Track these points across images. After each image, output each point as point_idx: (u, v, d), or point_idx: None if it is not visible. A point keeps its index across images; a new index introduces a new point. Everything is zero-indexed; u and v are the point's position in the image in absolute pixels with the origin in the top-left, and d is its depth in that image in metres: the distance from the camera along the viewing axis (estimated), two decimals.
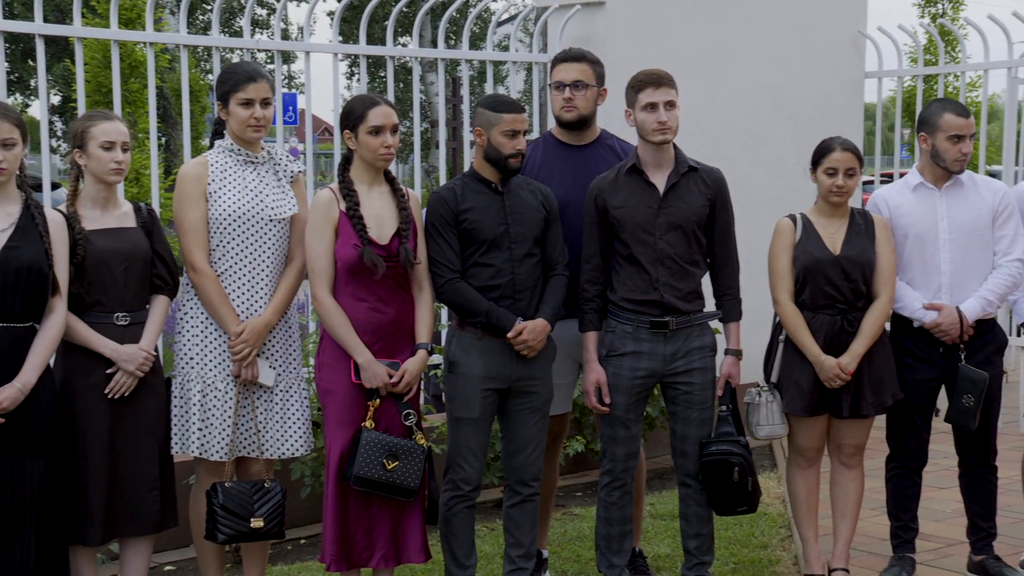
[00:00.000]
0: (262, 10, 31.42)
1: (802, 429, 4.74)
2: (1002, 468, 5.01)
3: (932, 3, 19.21)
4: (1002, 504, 5.06)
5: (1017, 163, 8.14)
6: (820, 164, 4.65)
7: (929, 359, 4.79)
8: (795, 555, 5.21)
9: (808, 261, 4.60)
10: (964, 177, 4.84)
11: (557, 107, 4.73)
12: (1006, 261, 4.78)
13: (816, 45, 7.93)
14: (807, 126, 7.50)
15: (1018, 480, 5.17)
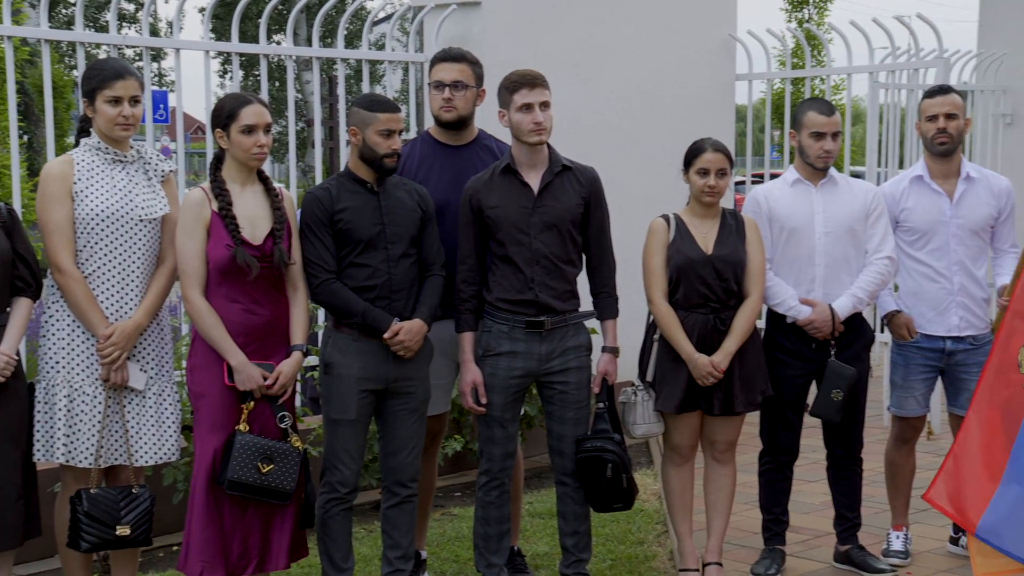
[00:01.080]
0: (129, 5, 30.67)
1: (676, 427, 4.81)
2: (866, 460, 5.16)
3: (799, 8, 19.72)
4: (866, 495, 5.21)
5: (880, 164, 8.38)
6: (692, 165, 4.72)
7: (801, 355, 4.91)
8: (670, 550, 5.29)
9: (681, 261, 4.67)
10: (838, 176, 4.98)
11: (436, 107, 4.71)
12: (876, 259, 4.92)
13: (689, 47, 8.06)
14: (680, 126, 7.60)
15: (881, 472, 5.33)
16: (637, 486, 4.71)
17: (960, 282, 5.00)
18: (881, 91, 8.22)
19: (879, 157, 8.22)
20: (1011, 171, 8.66)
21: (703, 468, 4.95)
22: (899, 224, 5.07)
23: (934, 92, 5.08)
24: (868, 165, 8.16)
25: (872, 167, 8.07)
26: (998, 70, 9.68)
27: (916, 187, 5.07)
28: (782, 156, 16.40)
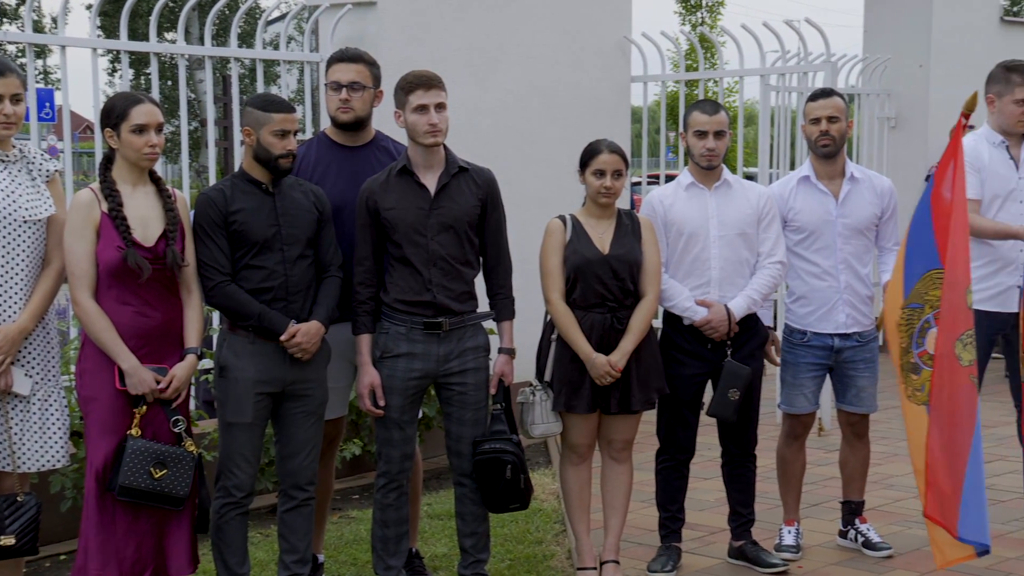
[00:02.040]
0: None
1: (574, 426, 4.83)
2: (760, 457, 5.25)
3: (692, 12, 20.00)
4: (760, 491, 5.30)
5: (772, 165, 8.54)
6: (588, 166, 4.75)
7: (698, 354, 4.97)
8: (568, 549, 5.32)
9: (578, 261, 4.70)
10: (732, 179, 5.05)
11: (333, 108, 4.67)
12: (769, 263, 5.00)
13: (584, 49, 8.12)
14: (576, 128, 7.66)
15: (774, 468, 5.43)
16: (533, 486, 4.73)
17: (846, 280, 5.11)
18: (772, 93, 8.38)
19: (771, 158, 8.38)
20: (895, 172, 8.92)
21: (600, 467, 4.99)
22: (787, 224, 5.17)
23: (817, 95, 5.19)
24: (760, 166, 8.31)
25: (764, 168, 8.22)
26: (883, 74, 9.95)
27: (803, 187, 5.17)
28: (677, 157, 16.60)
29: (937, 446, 4.42)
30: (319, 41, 7.19)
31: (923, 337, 4.60)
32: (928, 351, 4.57)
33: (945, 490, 4.40)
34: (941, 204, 4.58)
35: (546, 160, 7.74)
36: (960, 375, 4.43)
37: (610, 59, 8.29)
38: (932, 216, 4.60)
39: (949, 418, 4.40)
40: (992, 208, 5.24)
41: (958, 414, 4.40)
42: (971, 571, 4.99)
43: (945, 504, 4.40)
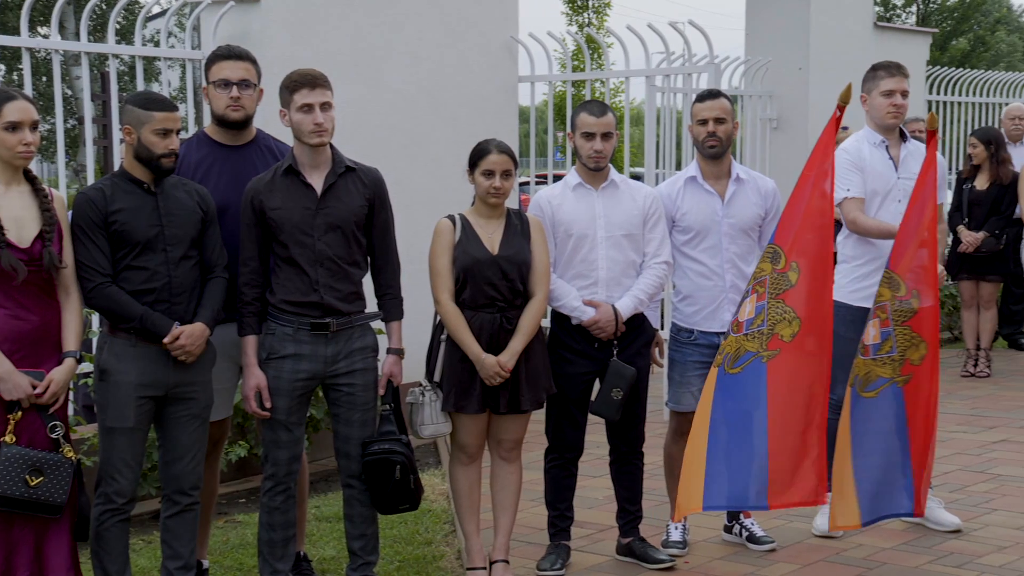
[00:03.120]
0: None
1: (463, 426, 4.83)
2: (648, 454, 5.31)
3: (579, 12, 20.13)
4: (647, 488, 5.36)
5: (658, 165, 8.65)
6: (477, 166, 4.75)
7: (586, 353, 5.00)
8: (458, 550, 5.32)
9: (467, 261, 4.70)
10: (619, 179, 5.09)
11: (222, 106, 4.59)
12: (655, 263, 5.06)
13: (471, 49, 8.12)
14: (465, 128, 7.66)
15: (662, 465, 5.50)
16: (423, 487, 4.71)
17: (732, 280, 5.19)
18: (657, 94, 8.48)
19: (657, 158, 8.48)
20: (777, 173, 9.09)
21: (490, 467, 4.99)
22: (675, 224, 5.23)
23: (704, 96, 5.26)
24: (646, 166, 8.40)
25: (650, 168, 8.32)
26: (764, 76, 10.14)
27: (690, 188, 5.24)
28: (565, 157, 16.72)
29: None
30: (201, 38, 7.06)
31: (740, 306, 4.78)
32: (738, 319, 4.75)
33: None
34: (809, 196, 4.75)
35: (434, 160, 7.72)
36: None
37: (497, 59, 8.31)
38: (790, 201, 4.80)
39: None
40: (872, 206, 5.38)
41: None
42: (847, 562, 5.12)
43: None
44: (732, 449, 4.70)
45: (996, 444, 7.02)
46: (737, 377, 4.71)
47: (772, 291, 4.70)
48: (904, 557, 5.16)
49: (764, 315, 4.70)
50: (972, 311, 9.14)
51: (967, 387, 8.74)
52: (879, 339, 4.75)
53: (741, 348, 4.72)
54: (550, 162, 9.66)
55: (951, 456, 6.70)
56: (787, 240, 4.73)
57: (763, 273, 4.74)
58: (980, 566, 5.03)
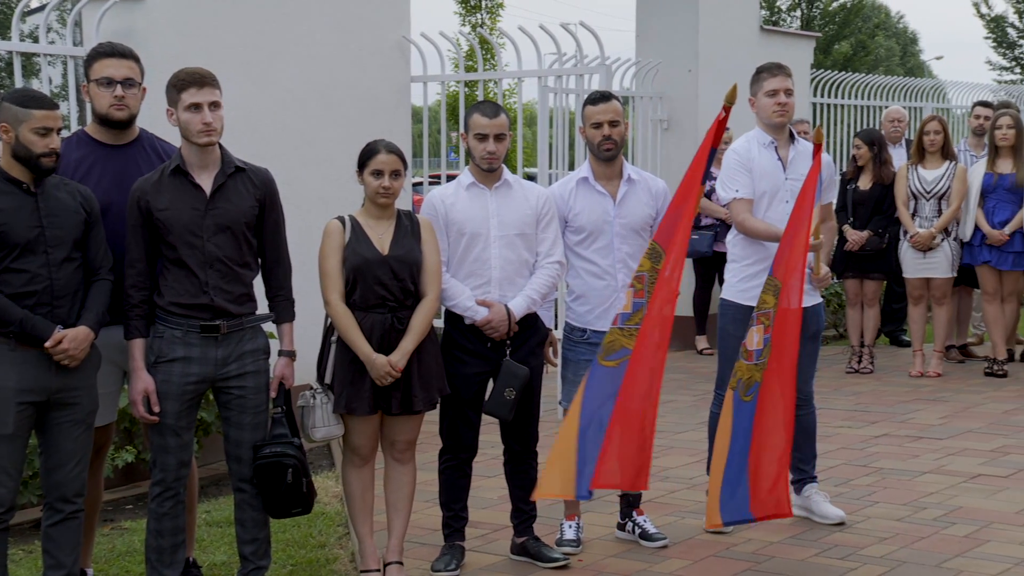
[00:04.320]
0: None
1: (355, 428, 4.80)
2: (541, 453, 5.33)
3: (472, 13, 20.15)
4: None
5: (551, 166, 8.70)
6: (366, 166, 4.73)
7: (479, 353, 5.01)
8: (352, 552, 5.28)
9: (358, 262, 4.67)
10: (512, 179, 5.11)
11: (105, 105, 4.49)
12: (547, 263, 5.08)
13: (362, 48, 8.07)
14: (356, 128, 7.61)
15: None
16: (316, 490, 4.67)
17: (623, 279, 5.23)
18: (550, 95, 8.53)
19: (550, 159, 8.52)
20: (668, 173, 9.22)
21: (383, 468, 4.97)
22: (567, 224, 5.27)
23: (596, 99, 5.30)
24: (539, 167, 8.44)
25: (543, 168, 8.36)
26: (655, 78, 10.26)
27: (582, 188, 5.28)
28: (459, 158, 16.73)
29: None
30: (83, 35, 6.89)
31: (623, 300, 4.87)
32: (618, 311, 4.85)
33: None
34: (686, 184, 4.88)
35: (326, 160, 7.65)
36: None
37: (389, 59, 8.27)
38: (672, 200, 4.92)
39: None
40: (761, 206, 5.47)
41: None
42: (737, 556, 5.20)
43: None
44: (588, 441, 4.78)
45: (878, 439, 7.21)
46: (609, 370, 4.79)
47: (650, 288, 4.78)
48: (791, 550, 5.26)
49: (641, 313, 4.79)
50: (856, 309, 9.37)
51: (851, 383, 8.95)
52: (761, 344, 4.85)
53: (616, 342, 4.80)
54: (443, 162, 9.65)
55: (836, 451, 6.86)
56: (666, 238, 4.82)
57: (642, 269, 4.82)
58: (863, 557, 5.16)
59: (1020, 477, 6.31)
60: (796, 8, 36.34)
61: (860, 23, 38.11)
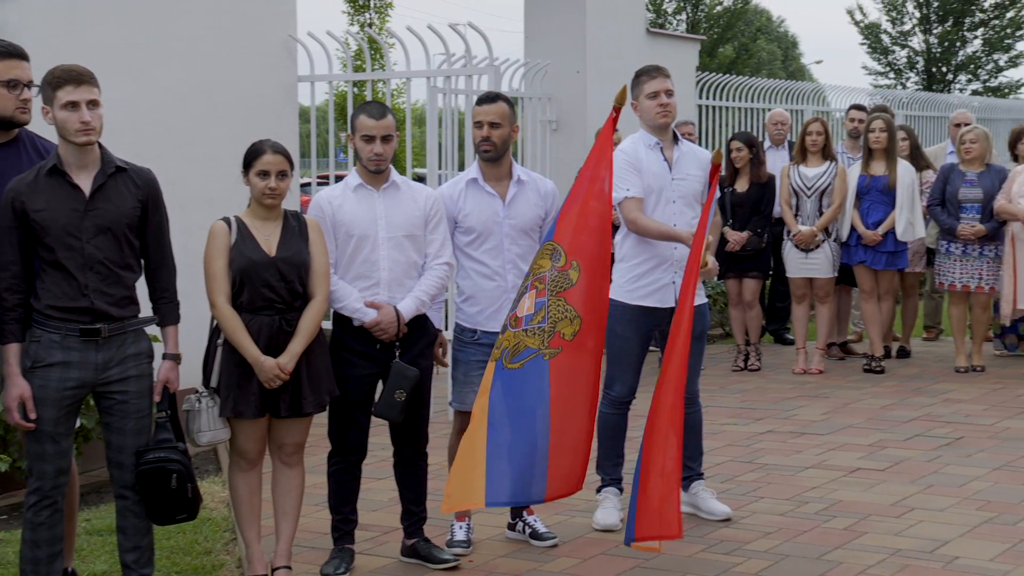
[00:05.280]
0: None
1: (243, 432, 4.73)
2: (432, 455, 5.32)
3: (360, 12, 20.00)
4: (432, 489, 5.34)
5: (440, 167, 8.68)
6: (252, 166, 4.68)
7: (368, 355, 4.98)
8: (239, 558, 5.20)
9: (244, 263, 4.61)
10: (400, 180, 5.09)
11: (10, 108, 4.38)
12: (436, 264, 5.08)
13: (247, 47, 7.97)
14: (242, 128, 7.50)
15: (446, 465, 5.52)
16: (202, 495, 4.59)
17: (513, 280, 5.25)
18: (439, 96, 8.51)
19: (439, 160, 8.51)
20: (557, 174, 9.26)
21: (271, 472, 4.91)
22: (457, 225, 5.26)
23: (482, 100, 5.31)
24: (429, 168, 8.43)
25: (433, 169, 8.34)
26: (543, 79, 10.31)
27: (471, 189, 5.28)
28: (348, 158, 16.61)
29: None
30: None
31: (517, 301, 4.83)
32: (516, 314, 4.81)
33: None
34: (585, 195, 4.86)
35: (211, 160, 7.54)
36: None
37: (275, 58, 8.18)
38: (568, 200, 4.89)
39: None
40: (648, 206, 5.53)
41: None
42: (625, 554, 5.25)
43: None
44: (515, 446, 4.75)
45: (763, 435, 7.35)
46: (516, 373, 4.75)
47: (552, 288, 4.78)
48: (678, 547, 5.33)
49: (545, 312, 4.76)
50: (739, 308, 9.54)
51: (737, 381, 9.11)
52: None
53: (521, 344, 4.77)
54: (331, 163, 9.56)
55: (722, 448, 6.97)
56: (566, 238, 4.81)
57: (542, 269, 4.80)
58: (748, 551, 5.26)
59: (896, 470, 6.50)
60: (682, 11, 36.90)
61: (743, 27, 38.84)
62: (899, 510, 5.80)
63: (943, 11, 32.12)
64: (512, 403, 4.75)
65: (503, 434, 4.73)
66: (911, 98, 16.46)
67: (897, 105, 14.99)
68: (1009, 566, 5.01)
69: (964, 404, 8.10)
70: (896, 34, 33.11)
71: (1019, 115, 16.90)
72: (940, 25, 32.33)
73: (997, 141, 10.51)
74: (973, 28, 32.32)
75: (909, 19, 32.83)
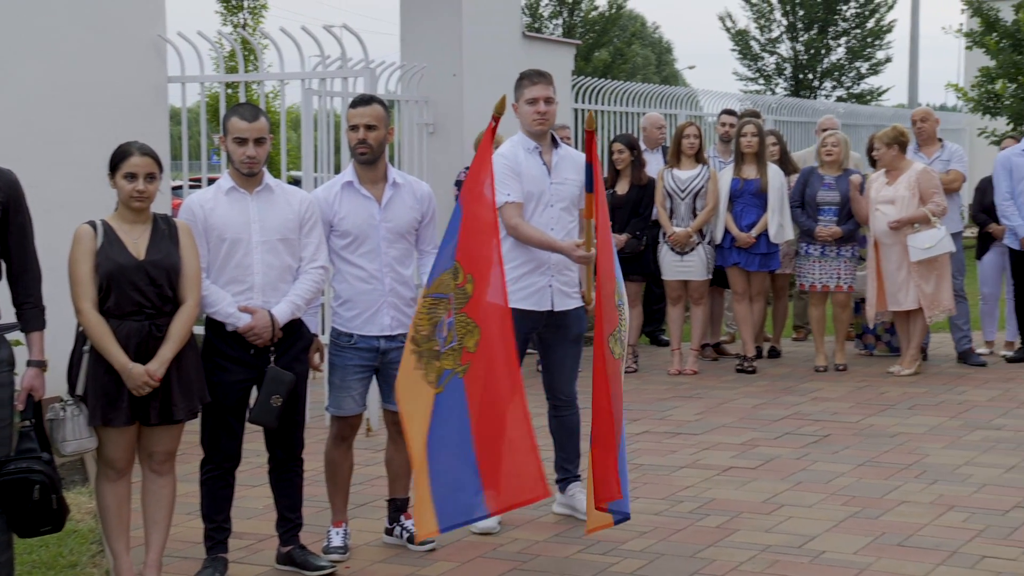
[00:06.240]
0: None
1: (111, 440, 4.63)
2: (309, 460, 5.27)
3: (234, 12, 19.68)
4: (308, 495, 5.32)
5: (316, 170, 8.59)
6: (119, 169, 4.59)
7: (242, 360, 4.91)
8: (106, 571, 5.08)
9: (111, 268, 4.51)
10: (274, 183, 5.03)
11: None
12: (311, 268, 5.03)
13: (115, 47, 7.78)
14: (111, 129, 7.32)
15: (322, 471, 5.47)
16: (68, 506, 4.47)
17: (390, 284, 5.24)
18: (314, 98, 8.42)
19: (315, 163, 8.42)
20: (434, 177, 9.25)
21: (141, 481, 4.80)
22: (333, 228, 5.22)
23: (357, 102, 5.28)
24: (304, 171, 8.33)
25: (308, 173, 8.25)
26: (420, 82, 10.28)
27: (347, 193, 5.25)
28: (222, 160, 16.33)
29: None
30: None
31: (436, 329, 4.80)
32: (437, 342, 4.78)
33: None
34: (470, 204, 4.86)
35: (77, 162, 7.34)
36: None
37: (144, 58, 8.01)
38: (462, 215, 4.86)
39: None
40: (527, 210, 5.56)
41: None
42: (503, 556, 5.28)
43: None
44: (451, 468, 4.72)
45: (639, 436, 7.45)
46: (441, 397, 4.74)
47: (456, 306, 4.78)
48: (556, 548, 5.37)
49: (453, 332, 4.76)
50: None
51: None
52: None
53: (442, 366, 4.75)
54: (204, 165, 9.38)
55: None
56: (463, 255, 4.81)
57: (447, 290, 4.79)
58: (623, 551, 5.32)
59: (767, 468, 6.65)
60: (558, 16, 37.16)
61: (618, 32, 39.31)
62: (769, 507, 5.93)
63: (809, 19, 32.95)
64: (439, 428, 4.73)
65: (440, 460, 4.72)
66: (779, 103, 16.84)
67: (766, 110, 15.32)
68: (871, 558, 5.16)
69: (831, 402, 8.33)
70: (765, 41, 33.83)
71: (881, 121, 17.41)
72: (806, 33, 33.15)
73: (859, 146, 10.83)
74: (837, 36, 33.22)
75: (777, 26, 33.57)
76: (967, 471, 6.48)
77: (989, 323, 10.08)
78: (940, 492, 6.10)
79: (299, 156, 9.88)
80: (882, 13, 33.47)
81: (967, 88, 18.54)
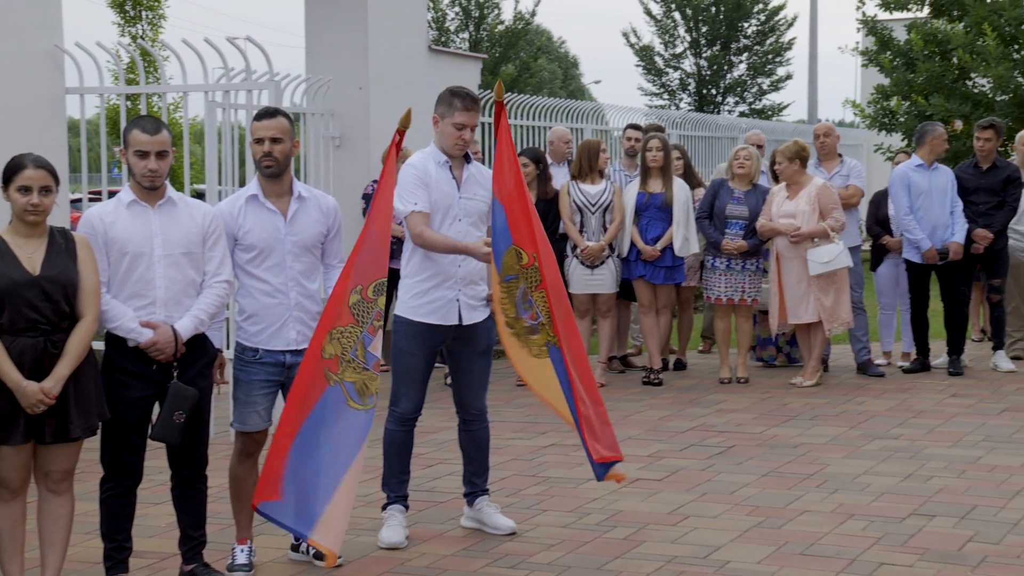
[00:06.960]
0: None
1: (5, 459, 4.52)
2: (213, 477, 5.19)
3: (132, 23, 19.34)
4: (212, 512, 5.24)
5: (220, 183, 8.48)
6: (12, 182, 4.50)
7: (144, 376, 4.83)
8: None
9: (4, 283, 4.41)
10: (176, 196, 4.96)
11: None
12: (215, 282, 4.96)
13: (11, 57, 7.62)
14: (5, 141, 7.15)
15: (226, 488, 5.39)
16: None
17: (296, 298, 5.19)
18: (218, 111, 8.32)
19: (219, 176, 8.31)
20: (340, 190, 9.22)
21: (37, 501, 4.68)
22: (237, 242, 5.16)
23: (262, 115, 5.23)
24: (208, 184, 8.22)
25: (212, 186, 8.14)
26: (326, 95, 10.23)
27: (252, 206, 5.19)
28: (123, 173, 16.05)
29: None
30: None
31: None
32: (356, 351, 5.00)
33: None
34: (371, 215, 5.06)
35: None
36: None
37: (40, 68, 7.84)
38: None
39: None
40: (435, 223, 5.55)
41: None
42: (411, 571, 5.25)
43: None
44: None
45: (546, 448, 7.47)
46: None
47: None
48: (464, 562, 5.36)
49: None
50: None
51: (522, 395, 9.20)
52: (531, 308, 5.33)
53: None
54: (104, 178, 9.23)
55: (507, 462, 7.05)
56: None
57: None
58: (531, 564, 5.32)
59: (673, 479, 6.71)
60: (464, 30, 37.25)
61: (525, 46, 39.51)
62: (675, 518, 5.98)
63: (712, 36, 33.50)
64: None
65: None
66: (684, 118, 17.06)
67: (671, 125, 15.52)
68: (775, 567, 5.24)
69: (735, 414, 8.44)
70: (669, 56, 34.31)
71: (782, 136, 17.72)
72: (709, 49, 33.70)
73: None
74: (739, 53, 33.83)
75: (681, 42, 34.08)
76: (866, 480, 6.62)
77: (887, 334, 10.32)
78: (840, 501, 6.21)
79: (203, 169, 9.74)
80: (782, 31, 34.19)
81: (864, 105, 18.97)
